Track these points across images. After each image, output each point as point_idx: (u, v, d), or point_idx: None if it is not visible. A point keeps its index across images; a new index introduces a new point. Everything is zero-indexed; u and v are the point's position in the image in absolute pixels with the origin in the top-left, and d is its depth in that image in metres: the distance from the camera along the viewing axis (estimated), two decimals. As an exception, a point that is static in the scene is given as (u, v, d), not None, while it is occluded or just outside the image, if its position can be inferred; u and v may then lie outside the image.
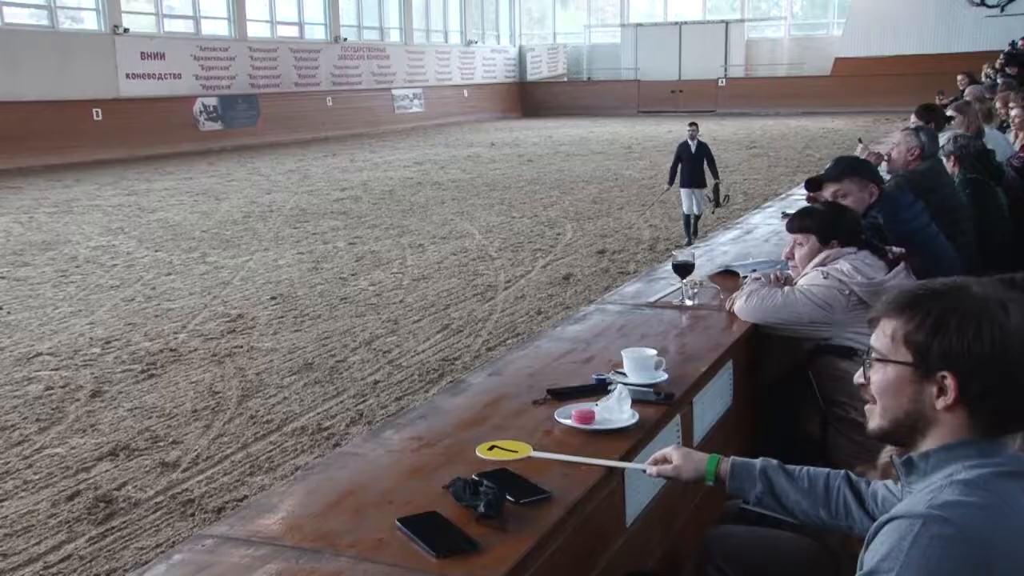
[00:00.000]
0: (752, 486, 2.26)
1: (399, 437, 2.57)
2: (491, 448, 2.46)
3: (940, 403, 1.68)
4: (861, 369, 1.85)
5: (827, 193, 4.36)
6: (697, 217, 12.61)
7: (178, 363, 7.94)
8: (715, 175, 12.70)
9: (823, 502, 2.21)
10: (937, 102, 12.00)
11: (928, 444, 1.71)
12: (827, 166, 4.67)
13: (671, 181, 12.98)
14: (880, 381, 1.78)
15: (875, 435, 1.85)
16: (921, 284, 1.79)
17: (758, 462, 2.28)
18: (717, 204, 12.84)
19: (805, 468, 2.27)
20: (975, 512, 1.55)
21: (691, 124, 13.15)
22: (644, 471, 2.33)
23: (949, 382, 1.66)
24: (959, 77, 17.35)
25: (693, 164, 12.56)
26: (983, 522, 1.55)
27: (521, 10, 43.04)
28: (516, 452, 2.44)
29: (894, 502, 1.96)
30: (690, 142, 12.67)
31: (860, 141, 7.89)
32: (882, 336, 1.77)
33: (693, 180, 12.51)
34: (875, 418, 1.81)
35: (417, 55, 36.54)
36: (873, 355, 1.79)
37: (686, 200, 12.54)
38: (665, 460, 2.30)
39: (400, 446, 2.52)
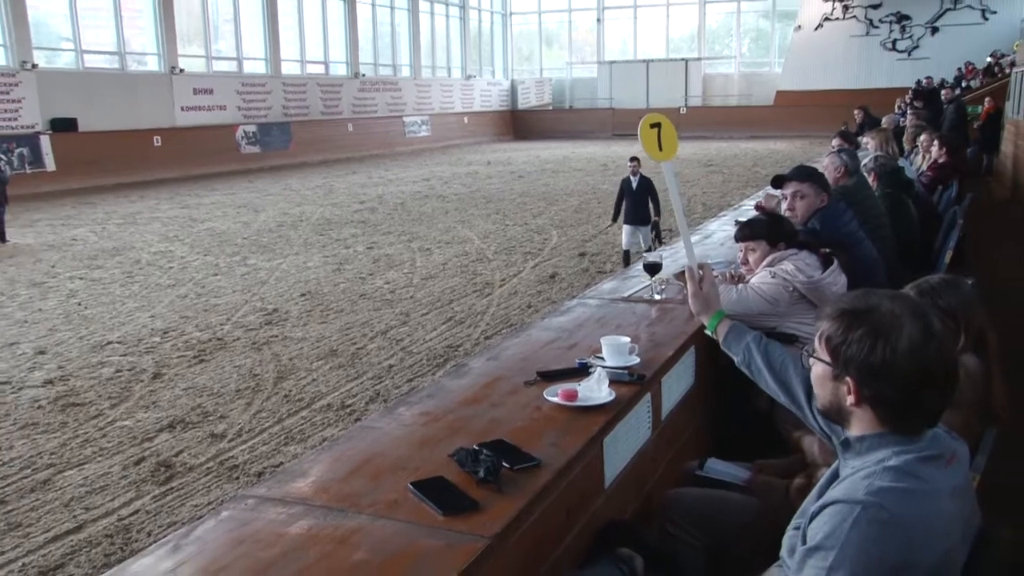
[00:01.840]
0: (737, 351, 2.46)
1: (410, 413, 2.56)
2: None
3: (849, 400, 1.71)
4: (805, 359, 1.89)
5: (788, 191, 4.35)
6: (647, 250, 10.58)
7: (224, 350, 7.93)
8: (656, 212, 10.63)
9: (784, 388, 2.35)
10: (846, 128, 12.12)
11: (855, 430, 1.73)
12: (792, 169, 4.69)
13: (614, 218, 11.20)
14: (813, 374, 1.81)
15: (820, 414, 1.93)
16: (852, 297, 1.78)
17: (750, 335, 2.46)
18: (659, 241, 10.45)
19: (779, 354, 2.41)
20: (904, 498, 1.57)
21: (632, 159, 10.77)
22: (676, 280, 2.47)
23: (851, 384, 1.69)
24: (855, 111, 17.54)
25: (635, 200, 10.56)
26: (910, 506, 1.56)
27: (513, 49, 43.00)
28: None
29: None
30: (632, 178, 10.62)
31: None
32: (817, 337, 1.79)
33: (635, 217, 10.57)
34: (816, 401, 1.85)
35: (424, 88, 36.50)
36: (811, 351, 1.82)
37: (626, 236, 10.72)
38: (698, 284, 2.59)
39: (411, 420, 2.50)
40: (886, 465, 1.62)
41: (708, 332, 2.49)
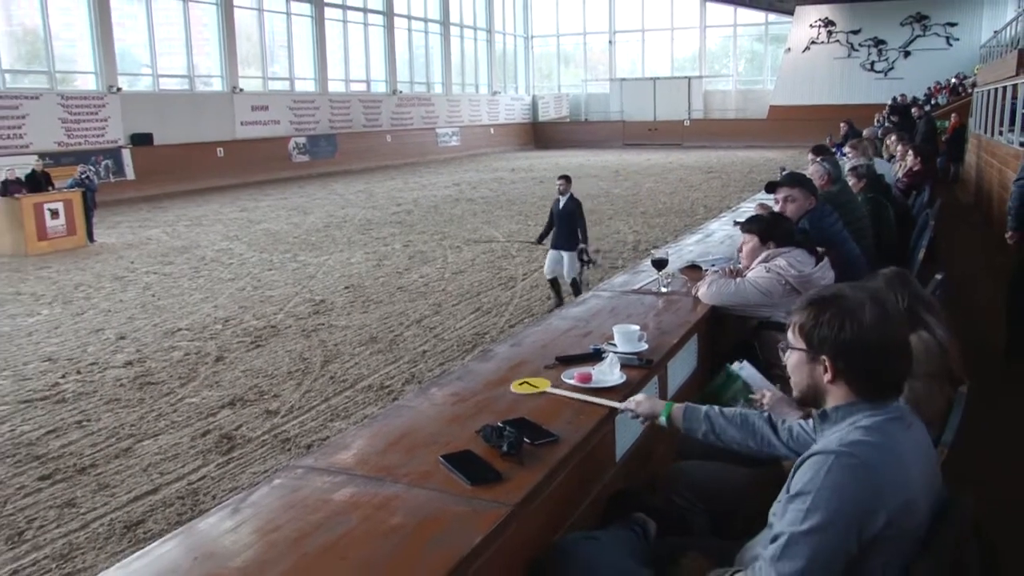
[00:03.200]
0: (699, 426, 2.27)
1: (442, 393, 2.55)
2: (521, 383, 2.54)
3: (825, 378, 1.75)
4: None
5: (780, 195, 4.33)
6: (576, 279, 8.63)
7: (277, 337, 7.96)
8: (583, 238, 8.57)
9: (751, 435, 2.22)
10: (827, 143, 12.09)
11: (830, 404, 1.77)
12: (783, 176, 4.71)
13: (540, 239, 9.30)
14: (790, 364, 1.85)
15: (797, 403, 1.97)
16: (818, 290, 1.85)
17: (703, 407, 2.30)
18: (586, 267, 8.73)
19: (737, 411, 2.28)
20: (873, 449, 1.62)
21: (560, 178, 8.83)
22: (619, 408, 2.36)
23: (827, 363, 1.74)
24: (841, 124, 17.85)
25: (559, 223, 8.61)
26: (877, 456, 1.62)
27: (534, 68, 42.85)
28: (538, 387, 2.51)
29: (806, 438, 2.06)
30: (560, 198, 8.66)
31: (783, 169, 7.94)
32: (790, 330, 1.83)
33: (559, 241, 8.61)
34: (793, 391, 1.89)
35: (455, 102, 36.46)
36: (786, 344, 1.86)
37: (548, 263, 8.73)
38: (635, 404, 2.35)
39: (442, 400, 2.50)
40: (858, 424, 1.68)
41: (663, 423, 2.30)
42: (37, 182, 14.16)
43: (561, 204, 8.63)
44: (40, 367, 7.21)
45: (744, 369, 2.84)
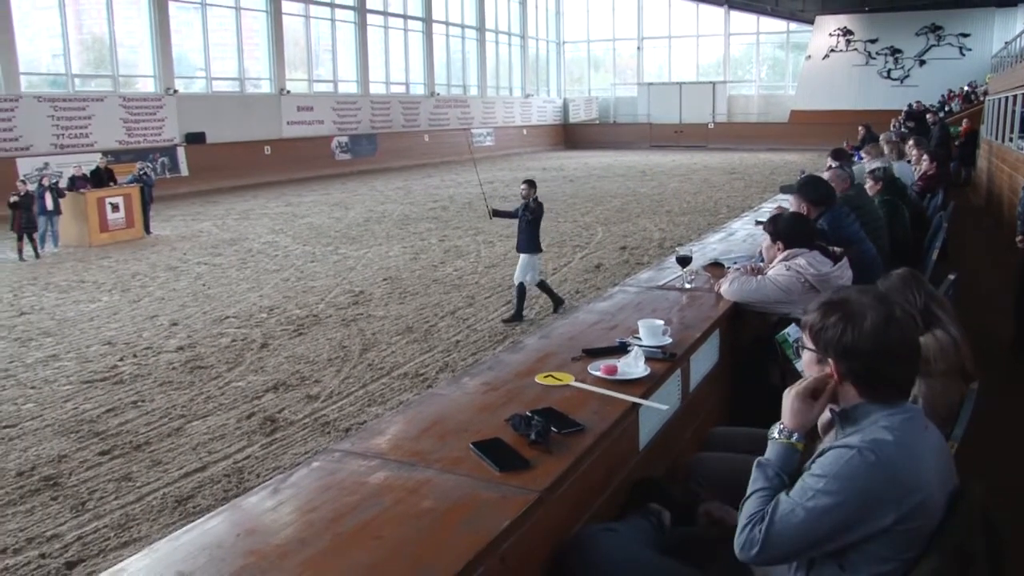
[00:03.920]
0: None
1: (473, 383, 2.53)
2: (546, 376, 2.50)
3: (833, 379, 1.73)
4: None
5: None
6: (542, 282, 8.39)
7: (318, 325, 8.01)
8: (502, 212, 8.49)
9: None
10: (845, 146, 11.94)
11: (842, 404, 1.74)
12: (795, 181, 4.73)
13: (493, 214, 8.60)
14: (804, 362, 1.82)
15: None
16: (831, 293, 1.82)
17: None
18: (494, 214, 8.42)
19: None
20: (894, 448, 1.59)
21: (524, 183, 8.22)
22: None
23: (832, 365, 1.71)
24: (859, 128, 17.76)
25: (522, 229, 8.13)
26: (897, 456, 1.59)
27: (565, 72, 42.66)
28: (561, 380, 2.46)
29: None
30: (526, 201, 8.11)
31: (802, 172, 7.84)
32: (803, 330, 1.80)
33: (519, 244, 8.23)
34: None
35: (490, 104, 36.44)
36: (801, 344, 1.83)
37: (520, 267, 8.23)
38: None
39: (474, 389, 2.48)
40: (879, 424, 1.65)
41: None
42: (100, 178, 14.42)
43: (520, 210, 8.14)
44: (100, 350, 7.33)
45: (791, 332, 2.66)
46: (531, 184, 8.23)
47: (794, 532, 1.62)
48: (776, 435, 1.83)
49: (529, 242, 8.13)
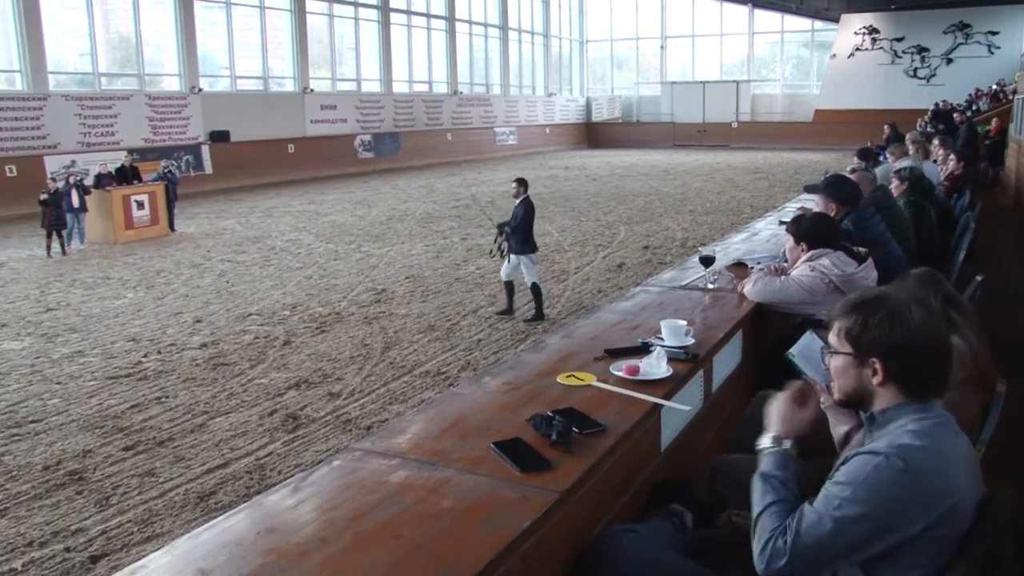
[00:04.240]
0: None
1: (494, 382, 2.52)
2: (568, 377, 2.48)
3: (875, 380, 1.68)
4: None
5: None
6: (535, 285, 8.15)
7: (341, 323, 8.04)
8: (510, 227, 8.07)
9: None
10: (869, 146, 11.83)
11: (878, 406, 1.70)
12: (820, 181, 4.68)
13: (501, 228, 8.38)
14: (834, 367, 1.76)
15: (838, 404, 1.84)
16: (859, 294, 1.77)
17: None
18: (499, 237, 8.25)
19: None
20: (922, 453, 1.56)
21: (514, 181, 8.23)
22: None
23: (878, 365, 1.66)
24: (885, 127, 17.76)
25: (514, 227, 8.08)
26: (926, 461, 1.55)
27: (588, 71, 42.52)
28: (583, 380, 2.44)
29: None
30: (516, 200, 8.12)
31: (826, 172, 7.78)
32: (832, 334, 1.75)
33: (511, 246, 8.13)
34: (835, 393, 1.79)
35: (513, 103, 36.40)
36: (828, 349, 1.77)
37: (504, 266, 8.28)
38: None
39: (495, 388, 2.47)
40: (908, 428, 1.60)
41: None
42: (125, 176, 14.58)
43: (512, 209, 8.13)
44: (125, 346, 7.41)
45: (798, 356, 2.59)
46: (521, 182, 8.18)
47: (823, 543, 1.58)
48: (768, 444, 1.81)
49: (521, 243, 8.07)
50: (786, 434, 1.79)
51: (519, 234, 8.07)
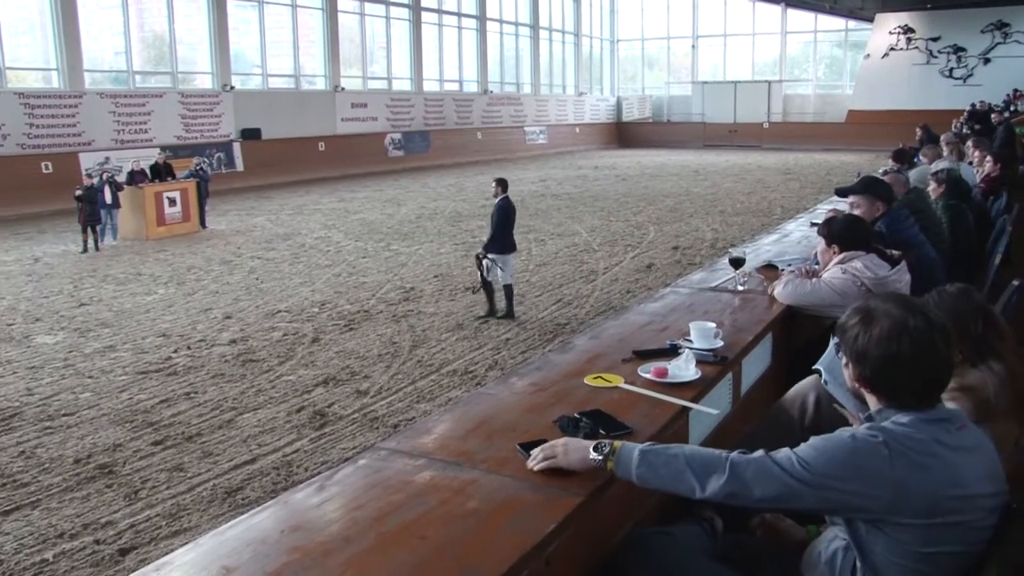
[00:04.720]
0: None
1: (521, 383, 2.51)
2: (595, 378, 2.46)
3: (857, 384, 1.77)
4: None
5: (849, 201, 4.23)
6: (508, 287, 8.09)
7: (369, 321, 8.08)
8: (488, 244, 8.05)
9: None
10: (903, 147, 11.66)
11: (870, 407, 1.77)
12: (856, 181, 4.58)
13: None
14: (842, 363, 1.84)
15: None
16: (866, 299, 1.84)
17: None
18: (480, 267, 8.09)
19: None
20: (900, 433, 1.63)
21: (494, 181, 8.31)
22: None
23: (851, 367, 1.76)
24: (917, 128, 17.72)
25: (492, 227, 8.13)
26: (902, 440, 1.61)
27: (619, 70, 42.36)
28: (611, 382, 2.43)
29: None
30: (495, 200, 8.16)
31: (859, 174, 7.67)
32: (837, 332, 1.83)
33: (487, 244, 8.12)
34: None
35: (543, 102, 36.38)
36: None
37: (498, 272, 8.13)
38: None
39: (522, 389, 2.45)
40: (893, 420, 1.67)
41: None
42: (158, 172, 14.79)
43: (491, 209, 8.12)
44: (155, 342, 7.51)
45: (825, 371, 2.54)
46: (500, 183, 8.21)
47: (773, 494, 1.66)
48: (604, 451, 1.80)
49: (496, 241, 8.03)
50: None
51: (496, 233, 8.04)
